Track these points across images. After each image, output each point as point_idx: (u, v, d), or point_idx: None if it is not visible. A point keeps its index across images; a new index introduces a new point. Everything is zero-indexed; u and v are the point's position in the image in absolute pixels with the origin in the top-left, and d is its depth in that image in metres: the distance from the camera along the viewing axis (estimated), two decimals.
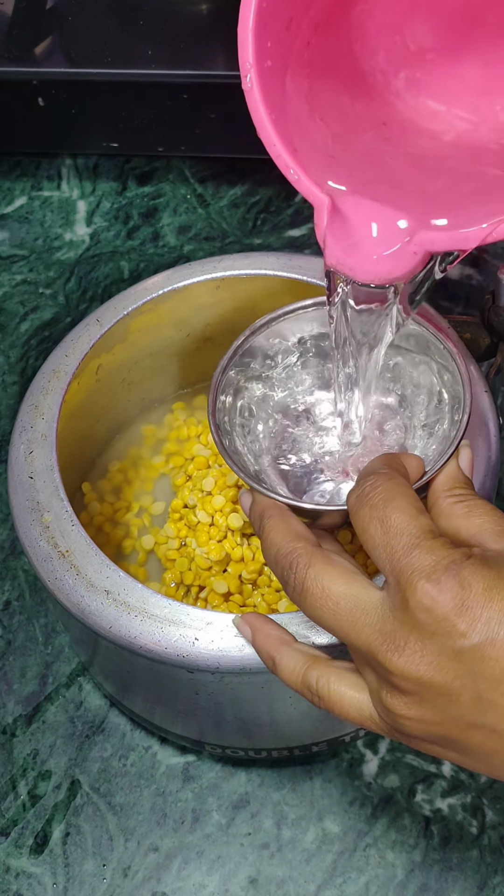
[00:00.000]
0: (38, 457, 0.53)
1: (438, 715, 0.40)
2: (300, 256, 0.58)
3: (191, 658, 0.48)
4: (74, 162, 0.74)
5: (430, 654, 0.40)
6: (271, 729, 0.54)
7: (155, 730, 0.57)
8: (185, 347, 0.60)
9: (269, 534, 0.45)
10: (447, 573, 0.40)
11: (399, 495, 0.42)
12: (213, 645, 0.48)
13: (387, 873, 0.55)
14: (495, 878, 0.54)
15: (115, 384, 0.59)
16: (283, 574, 0.43)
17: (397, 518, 0.41)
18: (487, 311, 0.51)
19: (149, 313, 0.57)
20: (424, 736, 0.41)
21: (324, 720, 0.54)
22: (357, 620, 0.41)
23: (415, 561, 0.40)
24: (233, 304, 0.58)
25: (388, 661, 0.40)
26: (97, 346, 0.56)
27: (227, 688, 0.49)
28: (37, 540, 0.51)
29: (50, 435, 0.53)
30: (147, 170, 0.74)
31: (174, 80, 0.68)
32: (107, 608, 0.49)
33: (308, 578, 0.42)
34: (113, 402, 0.60)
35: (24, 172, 0.74)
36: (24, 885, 0.55)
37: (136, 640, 0.48)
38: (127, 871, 0.55)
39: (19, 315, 0.70)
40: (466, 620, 0.39)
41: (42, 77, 0.68)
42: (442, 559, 0.40)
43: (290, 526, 0.45)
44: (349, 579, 0.42)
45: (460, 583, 0.39)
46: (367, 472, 0.44)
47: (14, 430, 0.54)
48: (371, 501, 0.42)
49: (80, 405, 0.57)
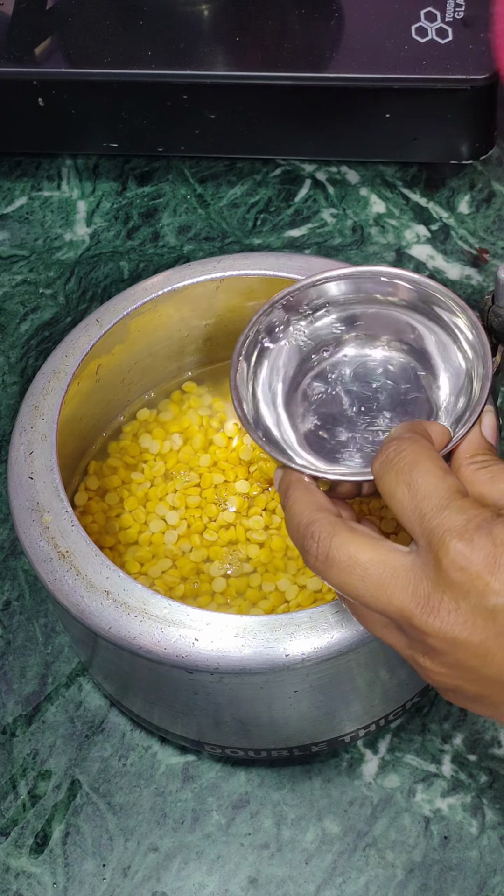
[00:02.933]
0: (38, 457, 0.53)
1: (473, 674, 0.40)
2: (300, 256, 0.58)
3: (190, 658, 0.48)
4: (74, 162, 0.74)
5: (464, 614, 0.40)
6: (271, 729, 0.54)
7: (154, 730, 0.57)
8: (184, 347, 0.60)
9: (291, 506, 0.44)
10: (479, 531, 0.40)
11: (424, 458, 0.42)
12: (212, 645, 0.48)
13: (386, 873, 0.55)
14: (495, 878, 0.54)
15: (115, 384, 0.59)
16: (305, 544, 0.43)
17: (424, 480, 0.41)
18: (487, 311, 0.51)
19: (149, 313, 0.57)
20: (458, 692, 0.41)
21: (323, 720, 0.54)
22: (387, 585, 0.41)
23: (446, 521, 0.40)
24: (233, 303, 0.58)
25: (423, 623, 0.40)
26: (97, 346, 0.56)
27: (226, 688, 0.50)
28: (37, 540, 0.51)
29: (50, 435, 0.53)
30: (147, 170, 0.74)
31: (174, 81, 0.68)
32: (106, 608, 0.49)
33: (333, 547, 0.42)
34: (113, 402, 0.60)
35: (24, 173, 0.74)
36: (24, 884, 0.55)
37: (136, 641, 0.48)
38: (127, 871, 0.55)
39: (19, 315, 0.70)
40: (500, 578, 0.39)
41: (42, 77, 0.68)
42: (473, 518, 0.40)
43: (313, 497, 0.44)
44: (375, 545, 0.42)
45: (493, 540, 0.39)
46: (390, 438, 0.44)
47: (14, 431, 0.54)
48: (397, 466, 0.42)
49: (80, 405, 0.57)
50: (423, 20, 0.67)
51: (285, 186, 0.73)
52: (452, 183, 0.72)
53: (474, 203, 0.72)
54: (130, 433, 0.60)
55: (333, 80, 0.67)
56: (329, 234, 0.71)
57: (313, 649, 0.48)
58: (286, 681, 0.49)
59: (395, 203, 0.72)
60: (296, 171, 0.73)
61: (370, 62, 0.66)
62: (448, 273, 0.69)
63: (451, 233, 0.71)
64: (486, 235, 0.70)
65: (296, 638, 0.48)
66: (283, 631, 0.48)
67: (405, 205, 0.72)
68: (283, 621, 0.48)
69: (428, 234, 0.71)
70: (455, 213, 0.71)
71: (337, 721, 0.54)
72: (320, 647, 0.48)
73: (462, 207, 0.71)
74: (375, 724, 0.55)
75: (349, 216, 0.72)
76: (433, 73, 0.66)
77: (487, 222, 0.71)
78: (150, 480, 0.58)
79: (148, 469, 0.58)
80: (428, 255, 0.70)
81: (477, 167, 0.72)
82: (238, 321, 0.57)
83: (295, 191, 0.73)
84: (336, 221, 0.71)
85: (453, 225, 0.71)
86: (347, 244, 0.71)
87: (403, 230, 0.71)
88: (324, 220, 0.72)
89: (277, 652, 0.48)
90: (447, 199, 0.72)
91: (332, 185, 0.73)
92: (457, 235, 0.71)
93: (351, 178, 0.73)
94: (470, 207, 0.71)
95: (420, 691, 0.56)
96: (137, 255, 0.71)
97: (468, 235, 0.70)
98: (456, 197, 0.72)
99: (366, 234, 0.71)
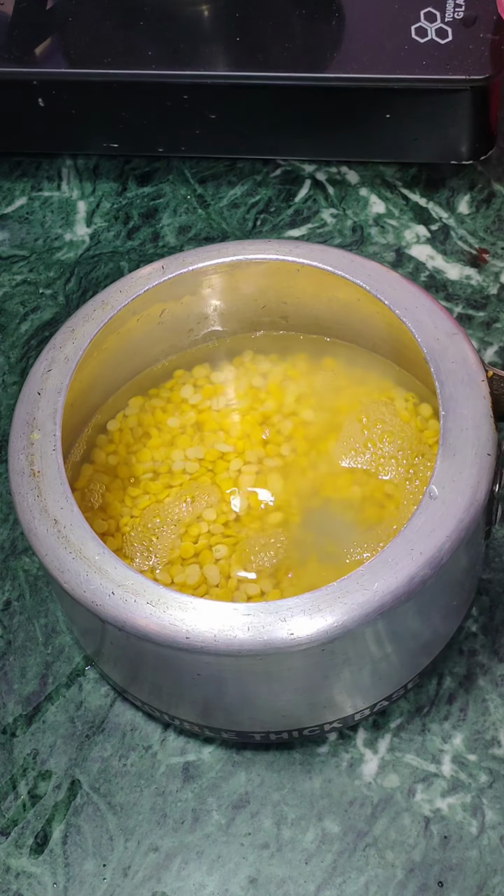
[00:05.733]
0: (54, 375, 0.54)
1: None
2: (304, 245, 0.58)
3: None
4: (74, 162, 0.74)
5: None
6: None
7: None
8: (259, 317, 0.60)
9: None
10: None
11: None
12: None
13: (386, 873, 0.55)
14: (495, 878, 0.54)
15: (179, 332, 0.60)
16: None
17: None
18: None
19: (225, 274, 0.57)
20: None
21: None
22: None
23: None
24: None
25: None
26: (163, 291, 0.57)
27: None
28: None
29: (73, 359, 0.54)
30: (147, 170, 0.74)
31: (174, 81, 0.68)
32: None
33: None
34: (175, 347, 0.61)
35: (24, 173, 0.74)
36: (24, 884, 0.55)
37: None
38: (127, 871, 0.55)
39: (19, 315, 0.70)
40: None
41: (42, 77, 0.68)
42: None
43: None
44: None
45: None
46: None
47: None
48: None
49: (133, 340, 0.58)
50: (423, 20, 0.67)
51: (285, 186, 0.73)
52: (452, 183, 0.72)
53: (474, 203, 0.72)
54: (180, 382, 0.61)
55: (333, 80, 0.67)
56: (329, 234, 0.71)
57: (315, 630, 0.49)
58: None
59: (395, 203, 0.72)
60: (296, 172, 0.73)
61: (370, 62, 0.66)
62: (448, 273, 0.69)
63: (451, 233, 0.71)
64: (486, 235, 0.71)
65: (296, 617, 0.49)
66: (281, 615, 0.49)
67: (405, 205, 0.72)
68: (286, 605, 0.49)
69: (428, 234, 0.71)
70: (455, 213, 0.71)
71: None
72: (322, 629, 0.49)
73: (462, 208, 0.71)
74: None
75: (349, 216, 0.72)
76: (433, 74, 0.66)
77: (487, 222, 0.71)
78: (183, 429, 0.59)
79: (181, 416, 0.59)
80: (428, 255, 0.70)
81: (477, 167, 0.73)
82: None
83: (295, 191, 0.73)
84: (336, 221, 0.72)
85: (453, 225, 0.71)
86: (347, 244, 0.71)
87: (403, 230, 0.71)
88: (324, 221, 0.72)
89: (280, 633, 0.49)
90: (447, 200, 0.72)
91: (332, 186, 0.73)
92: (457, 236, 0.71)
93: (351, 178, 0.73)
94: (470, 208, 0.71)
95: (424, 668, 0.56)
96: (137, 256, 0.71)
97: (468, 236, 0.71)
98: (456, 197, 0.72)
99: (366, 234, 0.71)
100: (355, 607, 0.49)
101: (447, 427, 0.52)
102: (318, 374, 0.61)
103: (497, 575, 0.60)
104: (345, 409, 0.59)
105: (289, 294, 0.59)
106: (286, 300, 0.60)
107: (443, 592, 0.53)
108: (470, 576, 0.56)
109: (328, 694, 0.53)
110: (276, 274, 0.58)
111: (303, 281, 0.58)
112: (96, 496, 0.58)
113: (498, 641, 0.59)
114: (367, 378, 0.60)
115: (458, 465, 0.51)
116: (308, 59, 0.67)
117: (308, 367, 0.61)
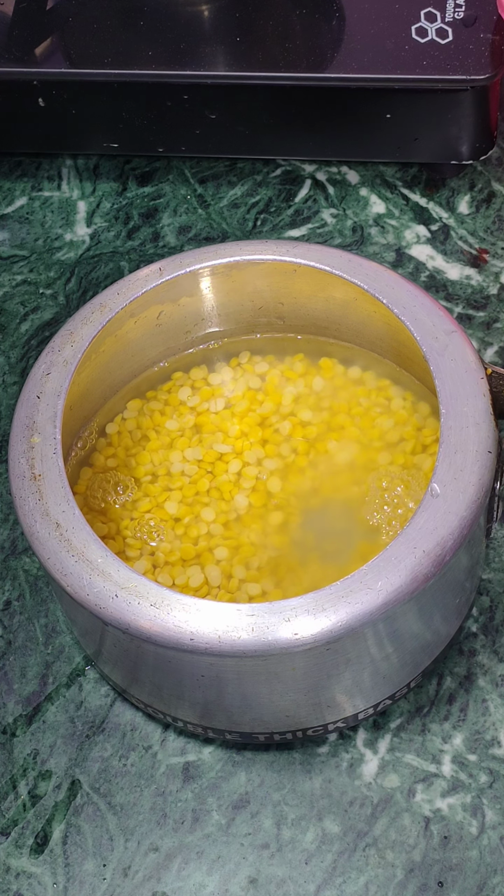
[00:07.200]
0: (53, 378, 0.54)
1: None
2: (301, 245, 0.58)
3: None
4: (74, 162, 0.74)
5: None
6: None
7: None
8: (255, 318, 0.60)
9: None
10: None
11: None
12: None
13: (386, 873, 0.55)
14: (495, 878, 0.54)
15: (177, 334, 0.60)
16: None
17: None
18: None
19: (221, 276, 0.57)
20: None
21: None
22: None
23: None
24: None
25: None
26: (162, 292, 0.56)
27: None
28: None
29: (72, 363, 0.54)
30: (147, 170, 0.74)
31: (174, 81, 0.68)
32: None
33: None
34: (172, 349, 0.61)
35: (24, 173, 0.75)
36: (24, 884, 0.55)
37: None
38: (127, 871, 0.55)
39: (19, 315, 0.70)
40: None
41: (42, 77, 0.68)
42: None
43: None
44: None
45: None
46: None
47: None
48: None
49: (130, 342, 0.58)
50: (423, 20, 0.67)
51: (285, 186, 0.73)
52: (452, 183, 0.72)
53: (474, 203, 0.72)
54: (178, 384, 0.61)
55: (333, 80, 0.67)
56: (329, 234, 0.71)
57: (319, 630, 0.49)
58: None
59: (395, 203, 0.72)
60: (296, 172, 0.73)
61: (370, 62, 0.66)
62: (448, 273, 0.69)
63: (451, 233, 0.71)
64: (486, 236, 0.71)
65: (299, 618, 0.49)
66: (285, 615, 0.49)
67: (405, 205, 0.72)
68: (284, 605, 0.49)
69: (428, 234, 0.71)
70: (455, 213, 0.71)
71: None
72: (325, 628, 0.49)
73: (462, 208, 0.71)
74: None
75: (349, 216, 0.72)
76: (433, 74, 0.66)
77: (487, 222, 0.71)
78: (181, 431, 0.59)
79: (179, 419, 0.59)
80: (428, 255, 0.70)
81: (477, 167, 0.73)
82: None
83: (295, 191, 0.73)
84: (336, 221, 0.72)
85: (453, 225, 0.71)
86: (347, 244, 0.71)
87: (403, 230, 0.71)
88: (324, 221, 0.72)
89: (284, 634, 0.49)
90: (447, 200, 0.72)
91: (332, 186, 0.73)
92: (457, 236, 0.71)
93: (351, 178, 0.73)
94: (470, 208, 0.71)
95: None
96: (137, 256, 0.71)
97: (468, 236, 0.71)
98: (456, 197, 0.72)
99: (366, 234, 0.71)
100: (359, 606, 0.49)
101: (448, 425, 0.52)
102: (315, 374, 0.61)
103: (497, 575, 0.60)
104: (343, 409, 0.59)
105: (286, 294, 0.59)
106: (283, 301, 0.60)
107: (444, 591, 0.53)
108: (471, 575, 0.56)
109: (331, 693, 0.53)
110: (273, 274, 0.58)
111: (300, 281, 0.58)
112: (96, 499, 0.58)
113: (498, 641, 0.59)
114: (364, 377, 0.60)
115: (459, 463, 0.51)
116: (308, 59, 0.67)
117: (305, 367, 0.61)
